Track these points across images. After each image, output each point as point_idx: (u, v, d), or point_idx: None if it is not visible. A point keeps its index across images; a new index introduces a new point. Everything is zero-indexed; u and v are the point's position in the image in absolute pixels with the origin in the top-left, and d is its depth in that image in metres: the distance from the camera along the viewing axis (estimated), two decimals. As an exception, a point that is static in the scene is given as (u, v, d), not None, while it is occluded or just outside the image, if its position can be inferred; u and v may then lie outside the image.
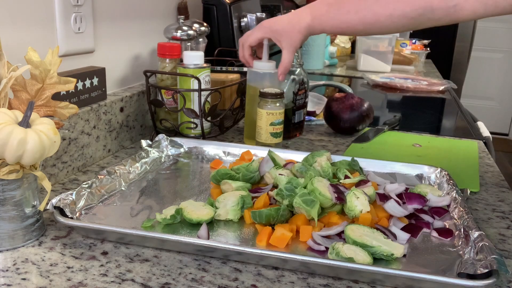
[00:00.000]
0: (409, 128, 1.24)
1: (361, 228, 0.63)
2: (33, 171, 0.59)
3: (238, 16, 1.45)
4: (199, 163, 0.91)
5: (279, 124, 0.99)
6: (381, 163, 0.89)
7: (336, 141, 1.11)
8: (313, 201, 0.66)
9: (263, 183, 0.80)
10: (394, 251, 0.59)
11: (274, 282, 0.56)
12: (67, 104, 0.65)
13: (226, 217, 0.69)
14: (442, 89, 1.80)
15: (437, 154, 1.04)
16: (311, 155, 0.84)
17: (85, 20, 0.88)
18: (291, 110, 1.07)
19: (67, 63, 0.86)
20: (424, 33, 2.87)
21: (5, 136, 0.53)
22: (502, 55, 4.41)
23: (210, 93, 1.00)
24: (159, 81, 1.05)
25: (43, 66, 0.61)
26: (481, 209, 0.79)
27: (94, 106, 0.87)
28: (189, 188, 0.79)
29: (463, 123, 1.38)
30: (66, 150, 0.81)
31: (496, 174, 0.95)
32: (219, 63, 1.30)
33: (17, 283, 0.53)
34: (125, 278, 0.55)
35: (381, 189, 0.78)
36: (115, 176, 0.76)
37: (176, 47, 1.04)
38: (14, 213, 0.59)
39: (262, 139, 1.00)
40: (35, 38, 0.79)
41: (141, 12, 1.09)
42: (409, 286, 0.55)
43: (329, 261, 0.55)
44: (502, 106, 4.53)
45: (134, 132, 1.02)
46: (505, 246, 0.67)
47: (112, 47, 1.00)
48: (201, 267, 0.58)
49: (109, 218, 0.67)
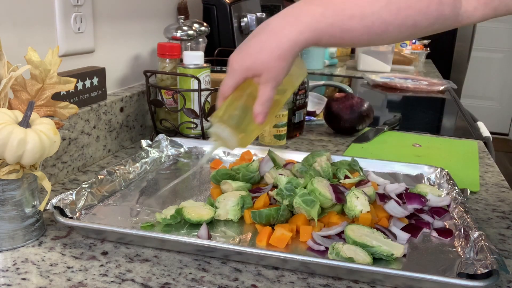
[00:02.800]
0: (409, 128, 1.24)
1: (361, 228, 0.63)
2: (33, 171, 0.59)
3: (238, 16, 1.45)
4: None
5: (283, 126, 0.99)
6: (381, 163, 0.89)
7: (336, 141, 1.11)
8: (313, 201, 0.66)
9: (263, 183, 0.80)
10: (394, 251, 0.59)
11: (274, 282, 0.56)
12: (67, 104, 0.65)
13: (226, 217, 0.69)
14: (442, 89, 1.80)
15: (437, 154, 1.04)
16: (311, 155, 0.84)
17: (85, 20, 0.88)
18: (291, 110, 1.07)
19: (67, 63, 0.86)
20: (424, 33, 2.87)
21: (5, 136, 0.53)
22: (502, 55, 4.41)
23: (210, 93, 1.00)
24: (159, 81, 1.05)
25: (43, 66, 0.61)
26: (481, 209, 0.79)
27: (94, 106, 0.87)
28: (189, 188, 0.79)
29: (463, 123, 1.38)
30: (66, 150, 0.81)
31: (496, 174, 0.95)
32: (219, 63, 1.30)
33: (17, 283, 0.53)
34: (125, 278, 0.55)
35: (381, 189, 0.78)
36: (115, 176, 0.76)
37: (176, 47, 1.04)
38: (14, 213, 0.59)
39: (265, 141, 1.00)
40: (35, 38, 0.79)
41: (141, 12, 1.09)
42: (409, 286, 0.55)
43: (329, 261, 0.55)
44: (502, 106, 4.53)
45: (134, 132, 1.02)
46: (505, 246, 0.67)
47: (112, 47, 1.00)
48: (201, 267, 0.58)
49: (109, 218, 0.67)
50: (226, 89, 0.66)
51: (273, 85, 0.63)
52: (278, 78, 0.63)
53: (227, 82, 0.65)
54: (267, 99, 0.63)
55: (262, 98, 0.63)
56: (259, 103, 0.64)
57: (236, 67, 0.64)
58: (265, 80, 0.63)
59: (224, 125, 0.64)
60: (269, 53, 0.61)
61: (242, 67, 0.64)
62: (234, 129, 0.64)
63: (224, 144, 0.66)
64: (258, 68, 0.62)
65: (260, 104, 0.64)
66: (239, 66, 0.64)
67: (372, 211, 0.68)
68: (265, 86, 0.63)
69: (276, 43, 0.61)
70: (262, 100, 0.63)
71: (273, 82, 0.63)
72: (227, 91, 0.66)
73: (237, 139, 0.65)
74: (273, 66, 0.62)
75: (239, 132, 0.65)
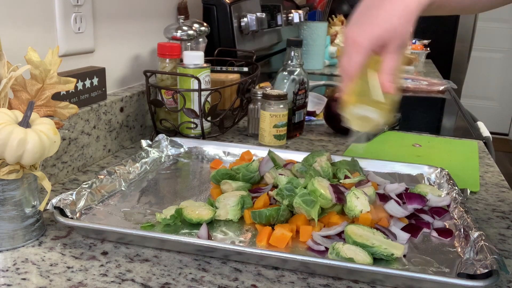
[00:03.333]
0: (409, 128, 1.24)
1: (361, 228, 0.63)
2: (33, 171, 0.59)
3: (238, 16, 1.45)
4: (199, 163, 0.91)
5: (283, 126, 0.99)
6: (381, 163, 0.89)
7: (336, 141, 1.10)
8: (313, 201, 0.66)
9: (263, 183, 0.80)
10: (394, 251, 0.59)
11: (274, 282, 0.56)
12: (67, 104, 0.65)
13: (226, 217, 0.69)
14: (442, 89, 1.80)
15: (437, 154, 1.04)
16: (311, 155, 0.84)
17: (85, 20, 0.88)
18: (291, 110, 1.07)
19: (67, 63, 0.86)
20: (424, 33, 2.87)
21: (5, 136, 0.53)
22: (502, 55, 4.41)
23: (210, 93, 1.00)
24: (159, 81, 1.05)
25: (43, 66, 0.61)
26: (481, 209, 0.79)
27: (94, 106, 0.87)
28: (189, 188, 0.79)
29: (463, 123, 1.37)
30: (66, 150, 0.81)
31: (496, 174, 0.95)
32: (219, 63, 1.30)
33: (17, 283, 0.53)
34: (125, 278, 0.55)
35: (381, 189, 0.78)
36: (115, 176, 0.76)
37: (176, 47, 1.04)
38: (14, 213, 0.59)
39: (265, 142, 1.00)
40: (35, 38, 0.79)
41: (141, 12, 1.09)
42: (409, 286, 0.55)
43: (329, 261, 0.55)
44: (502, 106, 4.53)
45: (134, 132, 1.02)
46: (505, 246, 0.67)
47: (112, 47, 1.00)
48: (201, 267, 0.58)
49: (109, 218, 0.67)
50: (353, 67, 0.62)
51: (401, 51, 0.62)
52: (406, 42, 0.62)
53: (352, 59, 0.62)
54: (394, 67, 0.62)
55: (389, 66, 0.62)
56: (387, 72, 0.62)
57: (361, 40, 0.61)
58: (395, 47, 0.61)
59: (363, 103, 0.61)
60: (398, 18, 0.60)
61: (371, 38, 0.61)
62: (373, 105, 0.62)
63: (367, 125, 0.63)
64: (389, 35, 0.61)
65: (388, 73, 0.62)
66: (365, 38, 0.61)
67: (372, 211, 0.68)
68: (390, 55, 0.62)
69: (403, 7, 0.60)
70: (390, 68, 0.62)
71: (402, 47, 0.62)
72: (355, 69, 0.62)
73: (381, 113, 0.62)
74: (402, 31, 0.61)
75: (379, 105, 0.62)
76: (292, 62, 1.08)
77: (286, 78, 1.08)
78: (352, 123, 0.64)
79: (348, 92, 0.63)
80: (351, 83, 0.63)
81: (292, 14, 1.93)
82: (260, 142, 1.03)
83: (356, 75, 0.62)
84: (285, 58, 1.09)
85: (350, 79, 0.63)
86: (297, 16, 1.92)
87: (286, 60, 1.09)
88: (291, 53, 1.07)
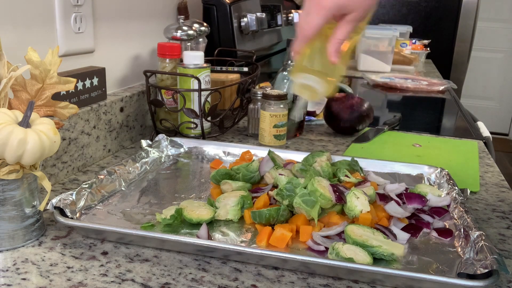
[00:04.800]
0: (409, 128, 1.24)
1: (361, 228, 0.63)
2: (33, 171, 0.59)
3: (238, 16, 1.45)
4: (199, 163, 0.91)
5: (283, 126, 0.99)
6: (381, 163, 0.89)
7: (336, 141, 1.10)
8: (313, 201, 0.66)
9: (263, 183, 0.80)
10: (394, 251, 0.59)
11: (274, 282, 0.56)
12: (67, 104, 0.65)
13: (226, 217, 0.69)
14: (442, 89, 1.80)
15: (437, 154, 1.04)
16: (311, 155, 0.84)
17: (85, 20, 0.88)
18: (291, 110, 1.07)
19: (67, 63, 0.86)
20: (424, 33, 2.87)
21: (5, 136, 0.53)
22: (502, 55, 4.41)
23: (210, 93, 1.00)
24: (159, 81, 1.05)
25: (43, 66, 0.61)
26: (481, 209, 0.79)
27: (94, 106, 0.87)
28: (189, 188, 0.79)
29: (463, 123, 1.37)
30: (66, 150, 0.81)
31: (496, 174, 0.95)
32: (219, 63, 1.30)
33: (17, 283, 0.53)
34: (125, 278, 0.55)
35: (381, 189, 0.78)
36: (115, 176, 0.76)
37: (176, 47, 1.04)
38: (14, 213, 0.59)
39: (265, 142, 1.00)
40: (35, 38, 0.79)
41: (141, 12, 1.09)
42: (409, 286, 0.55)
43: (329, 261, 0.55)
44: (502, 106, 4.52)
45: (134, 132, 1.02)
46: (505, 246, 0.67)
47: (112, 47, 1.00)
48: (201, 267, 0.58)
49: (109, 218, 0.67)
50: (311, 30, 0.62)
51: (356, 24, 0.62)
52: (365, 17, 0.63)
53: (311, 21, 0.61)
54: (344, 37, 0.62)
55: (341, 34, 0.62)
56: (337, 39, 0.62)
57: (326, 4, 0.61)
58: (352, 19, 0.61)
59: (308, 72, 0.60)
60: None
61: (335, 4, 0.60)
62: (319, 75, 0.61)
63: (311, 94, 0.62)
64: (353, 5, 0.61)
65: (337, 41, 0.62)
66: (330, 2, 0.61)
67: (372, 211, 0.68)
68: (347, 24, 0.62)
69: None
70: (340, 37, 0.62)
71: (358, 21, 0.62)
72: (312, 32, 0.62)
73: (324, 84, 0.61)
74: (367, 4, 0.61)
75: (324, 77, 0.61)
76: (292, 62, 1.08)
77: (286, 78, 1.08)
78: (297, 90, 0.63)
79: (300, 53, 0.62)
80: (305, 44, 0.62)
81: (292, 14, 1.93)
82: (260, 142, 1.03)
83: (312, 37, 0.61)
84: (285, 58, 1.09)
85: (305, 40, 0.62)
86: (297, 16, 1.92)
87: (286, 60, 1.09)
88: (291, 53, 1.07)
